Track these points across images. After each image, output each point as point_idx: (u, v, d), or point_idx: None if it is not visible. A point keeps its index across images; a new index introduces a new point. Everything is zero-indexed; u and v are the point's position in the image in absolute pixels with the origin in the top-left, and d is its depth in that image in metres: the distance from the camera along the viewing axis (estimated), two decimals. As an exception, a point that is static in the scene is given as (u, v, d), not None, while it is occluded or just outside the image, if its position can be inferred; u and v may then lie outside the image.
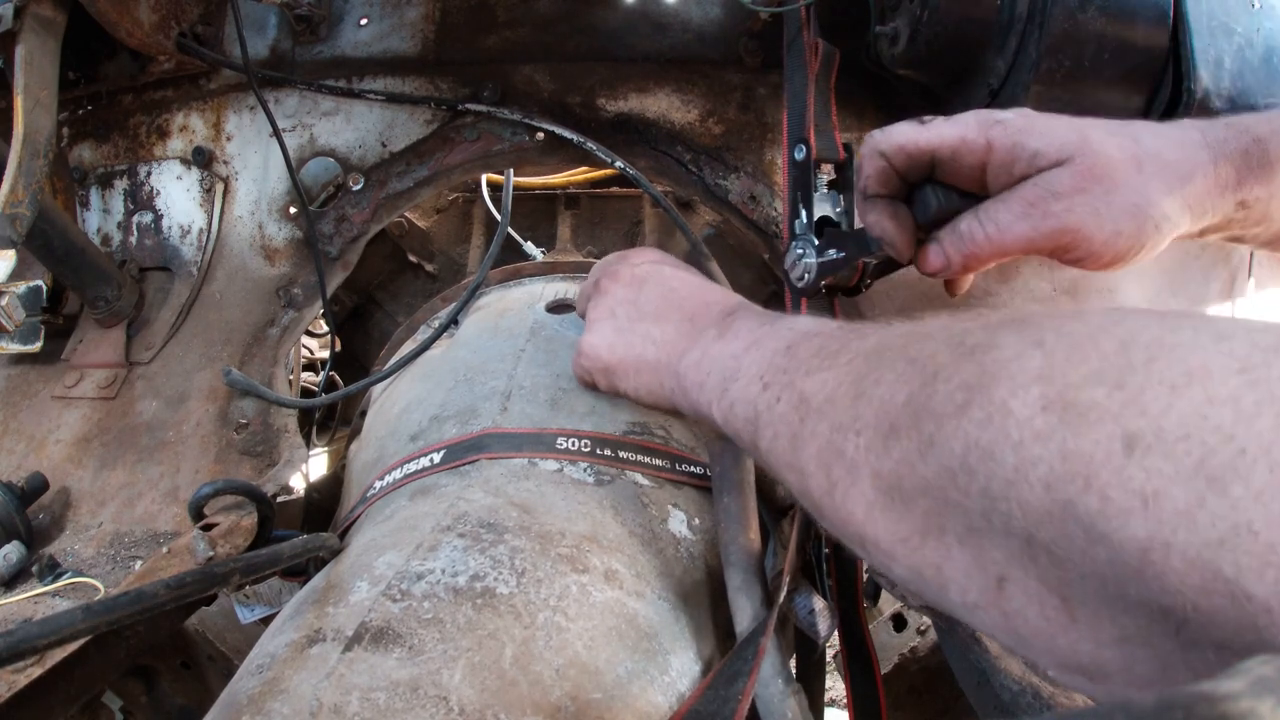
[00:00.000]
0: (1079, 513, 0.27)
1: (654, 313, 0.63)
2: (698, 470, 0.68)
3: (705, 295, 0.63)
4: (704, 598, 0.60)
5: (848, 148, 0.72)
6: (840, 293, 0.69)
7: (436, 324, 0.88)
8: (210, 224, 0.93)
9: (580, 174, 1.16)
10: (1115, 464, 0.26)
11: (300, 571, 0.72)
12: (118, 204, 0.96)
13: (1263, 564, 0.22)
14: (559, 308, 0.85)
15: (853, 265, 0.63)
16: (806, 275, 0.66)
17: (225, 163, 0.94)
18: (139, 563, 0.72)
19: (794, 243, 0.67)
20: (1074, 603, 0.29)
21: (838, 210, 0.70)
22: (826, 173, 0.69)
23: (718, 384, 0.52)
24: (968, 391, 0.32)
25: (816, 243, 0.66)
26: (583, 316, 0.73)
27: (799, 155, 0.69)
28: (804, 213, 0.68)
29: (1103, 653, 0.29)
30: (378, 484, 0.68)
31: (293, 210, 0.92)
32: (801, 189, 0.69)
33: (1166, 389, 0.25)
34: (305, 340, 1.33)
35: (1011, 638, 0.32)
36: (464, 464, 0.63)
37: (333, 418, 1.25)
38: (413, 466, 0.66)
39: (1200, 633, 0.25)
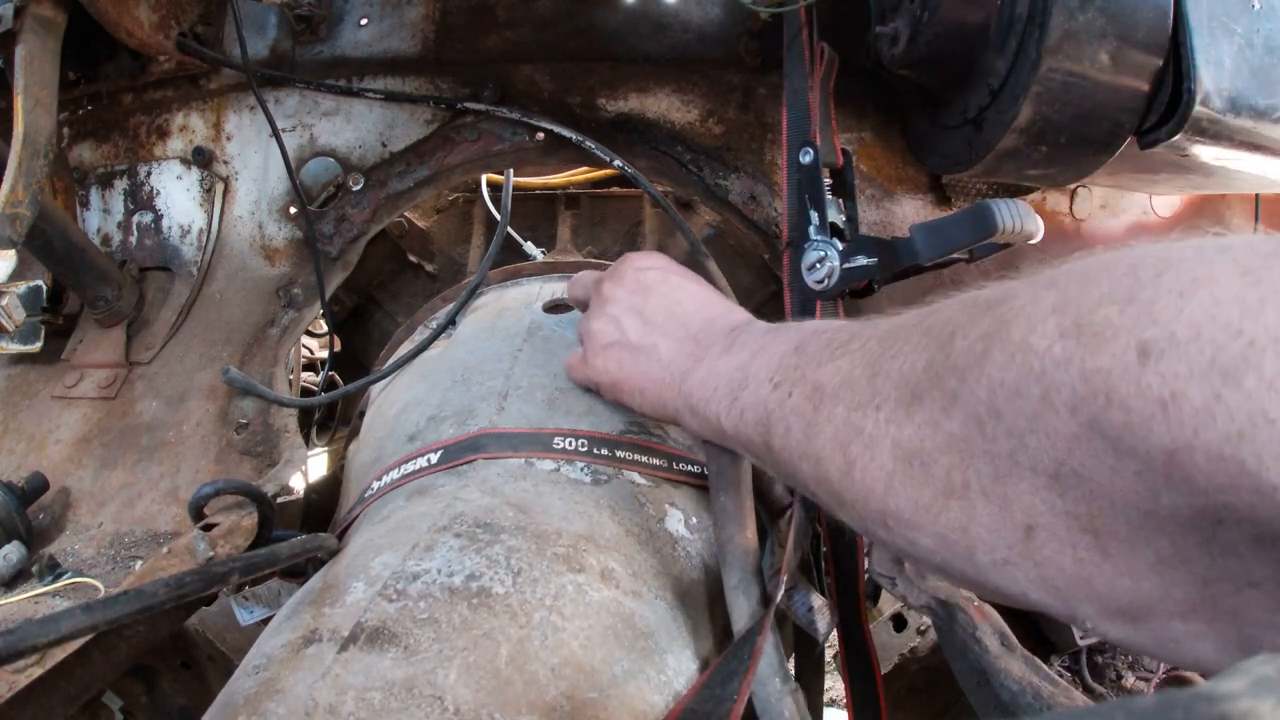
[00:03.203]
0: (1104, 429, 0.27)
1: (660, 326, 0.62)
2: (695, 469, 0.68)
3: (710, 310, 0.62)
4: (701, 597, 0.59)
5: (845, 153, 0.72)
6: (851, 295, 0.69)
7: (435, 324, 0.88)
8: (210, 224, 0.93)
9: (580, 174, 1.16)
10: (1132, 374, 0.26)
11: (299, 572, 0.72)
12: (118, 204, 0.96)
13: None
14: (556, 307, 0.85)
15: (886, 273, 0.63)
16: (829, 280, 0.66)
17: (225, 163, 0.94)
18: (139, 563, 0.72)
19: (812, 244, 0.67)
20: (1105, 535, 0.29)
21: (842, 216, 0.70)
22: (824, 177, 0.69)
23: (726, 396, 0.52)
24: (987, 340, 0.32)
25: (840, 247, 0.65)
26: (579, 304, 0.73)
27: (805, 159, 0.69)
28: (815, 216, 0.68)
29: (1140, 585, 0.29)
30: (375, 484, 0.68)
31: (293, 210, 0.92)
32: (811, 192, 0.68)
33: (1175, 296, 0.26)
34: (305, 340, 1.33)
35: (1046, 591, 0.32)
36: (461, 464, 0.64)
37: (332, 418, 1.25)
38: (410, 467, 0.66)
39: (1234, 534, 0.26)
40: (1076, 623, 0.32)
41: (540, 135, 0.88)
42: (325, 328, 1.28)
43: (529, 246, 1.11)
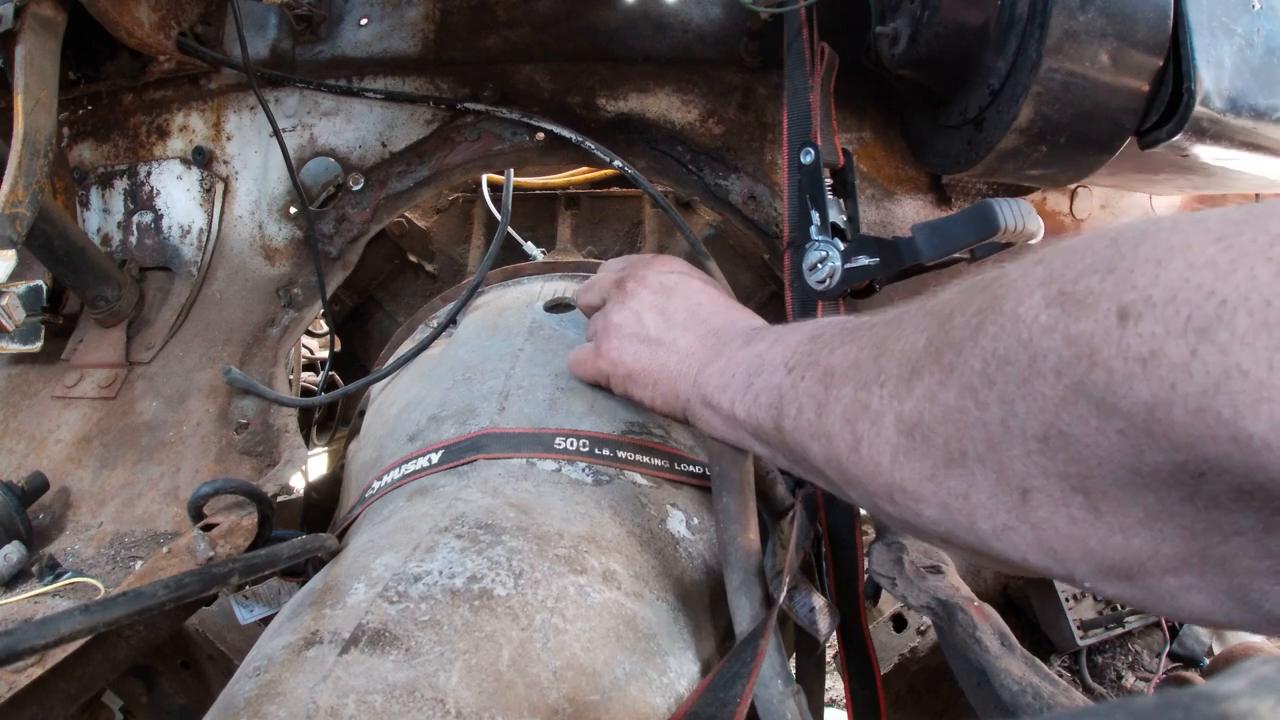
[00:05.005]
0: (1088, 390, 0.29)
1: (681, 323, 0.63)
2: (697, 470, 0.68)
3: (732, 314, 0.63)
4: (703, 598, 0.59)
5: (846, 153, 0.72)
6: (852, 295, 0.69)
7: (435, 324, 0.88)
8: (210, 224, 0.93)
9: (580, 174, 1.16)
10: (1113, 337, 0.28)
11: (299, 572, 0.72)
12: (118, 204, 0.96)
13: (1256, 401, 0.24)
14: (557, 307, 0.85)
15: (888, 273, 0.63)
16: (830, 280, 0.66)
17: (225, 162, 0.94)
18: (139, 563, 0.72)
19: (814, 244, 0.67)
20: (1096, 494, 0.31)
21: (843, 216, 0.70)
22: (825, 177, 0.69)
23: (742, 382, 0.53)
24: (980, 315, 0.34)
25: (841, 247, 0.65)
26: (586, 310, 0.73)
27: (806, 159, 0.69)
28: (817, 216, 0.68)
29: (1132, 541, 0.31)
30: (376, 484, 0.68)
31: (293, 210, 0.92)
32: (812, 192, 0.68)
33: (1153, 264, 0.28)
34: (305, 340, 1.33)
35: (1044, 554, 0.33)
36: (462, 464, 0.63)
37: (332, 417, 1.25)
38: (411, 467, 0.66)
39: (1216, 486, 0.27)
40: (1075, 583, 0.34)
41: (540, 135, 0.88)
42: (325, 328, 1.27)
43: (529, 246, 1.11)
